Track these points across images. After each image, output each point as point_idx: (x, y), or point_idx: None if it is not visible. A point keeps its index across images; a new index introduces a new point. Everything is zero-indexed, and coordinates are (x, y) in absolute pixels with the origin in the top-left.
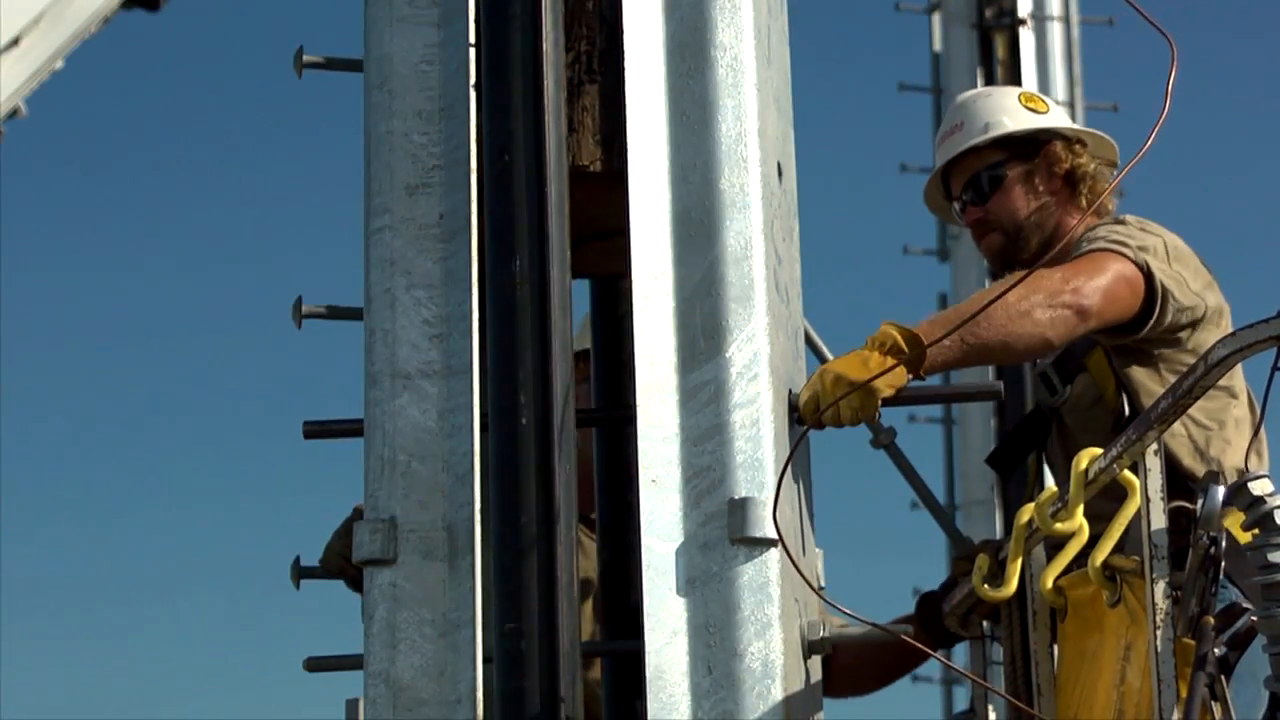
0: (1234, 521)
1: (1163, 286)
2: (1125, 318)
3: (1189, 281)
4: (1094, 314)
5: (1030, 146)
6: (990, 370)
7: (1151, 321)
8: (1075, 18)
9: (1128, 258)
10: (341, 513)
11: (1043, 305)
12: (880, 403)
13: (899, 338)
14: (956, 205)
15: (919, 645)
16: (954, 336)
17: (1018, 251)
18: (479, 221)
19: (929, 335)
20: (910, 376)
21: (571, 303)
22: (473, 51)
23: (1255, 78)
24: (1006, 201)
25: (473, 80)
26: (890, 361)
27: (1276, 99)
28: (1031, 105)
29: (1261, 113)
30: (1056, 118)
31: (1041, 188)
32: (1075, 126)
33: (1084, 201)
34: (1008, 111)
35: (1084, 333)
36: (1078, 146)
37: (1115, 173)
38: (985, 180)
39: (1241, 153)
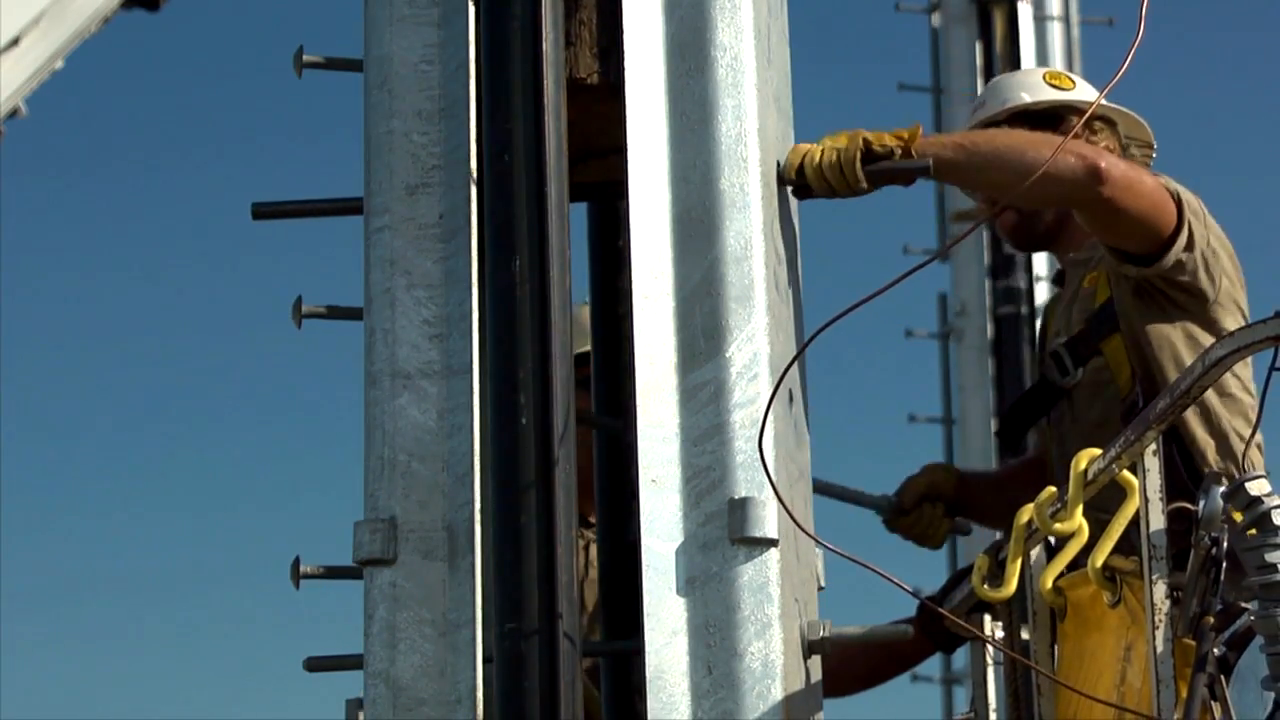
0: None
1: (1190, 223)
2: (1142, 225)
3: (1220, 253)
4: (1106, 181)
5: (1049, 123)
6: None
7: (1170, 254)
8: (1075, 18)
9: (1164, 185)
10: (342, 512)
11: (1053, 143)
12: (862, 153)
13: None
14: None
15: (935, 607)
16: (957, 137)
17: (1031, 228)
18: (479, 221)
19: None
20: (899, 148)
21: (571, 302)
22: (473, 51)
23: (1256, 78)
24: None
25: (473, 80)
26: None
27: (1278, 99)
28: (1055, 82)
29: (1264, 112)
30: (1081, 94)
31: None
32: (1102, 103)
33: None
34: (1028, 87)
35: (1084, 199)
36: (1099, 123)
37: (1148, 155)
38: None
39: (1242, 152)
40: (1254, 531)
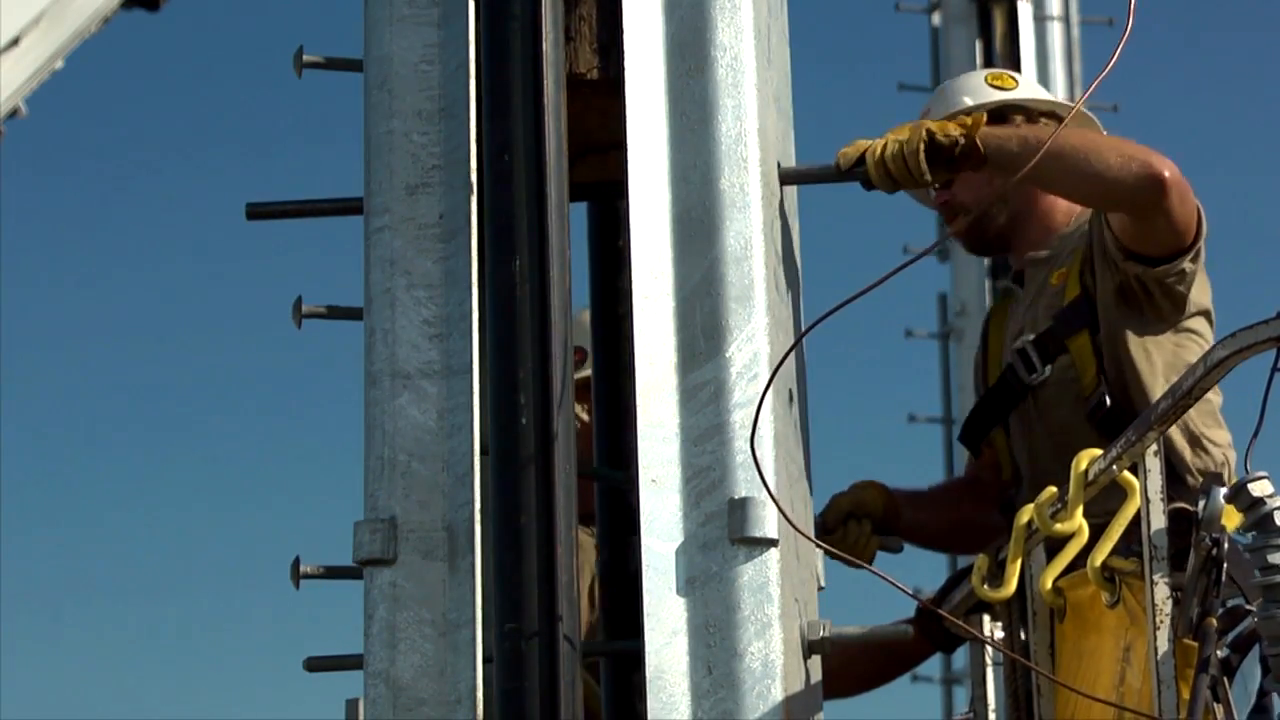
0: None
1: (1203, 239)
2: (1172, 233)
3: (1199, 270)
4: (1169, 191)
5: (994, 124)
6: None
7: (1179, 262)
8: (1075, 18)
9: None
10: (342, 512)
11: (1119, 147)
12: (925, 144)
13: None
14: (932, 191)
15: (933, 609)
16: (1022, 130)
17: (984, 231)
18: (479, 221)
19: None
20: (962, 138)
21: (571, 302)
22: (473, 51)
23: (1255, 78)
24: (967, 181)
25: (473, 80)
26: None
27: (1276, 98)
28: (997, 83)
29: (1263, 112)
30: (1024, 92)
31: None
32: (1047, 99)
33: None
34: (970, 91)
35: (1143, 205)
36: (1044, 119)
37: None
38: None
39: (1241, 152)
40: (1254, 533)
